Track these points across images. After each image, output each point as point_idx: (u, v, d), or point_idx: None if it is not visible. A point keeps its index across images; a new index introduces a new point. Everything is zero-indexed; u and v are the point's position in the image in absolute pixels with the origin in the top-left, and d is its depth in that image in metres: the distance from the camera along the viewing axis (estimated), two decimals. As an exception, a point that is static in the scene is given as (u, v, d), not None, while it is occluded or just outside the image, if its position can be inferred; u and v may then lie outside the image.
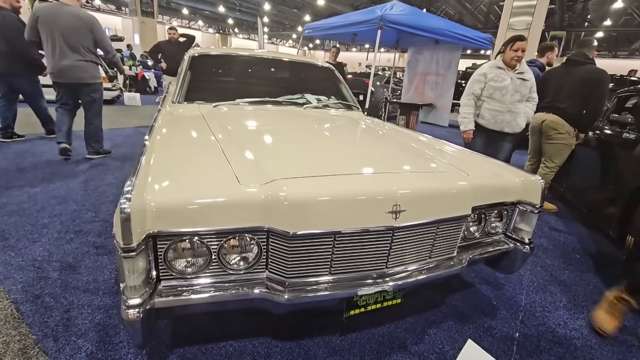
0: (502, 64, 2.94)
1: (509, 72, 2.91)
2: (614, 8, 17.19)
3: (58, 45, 3.39)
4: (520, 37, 2.87)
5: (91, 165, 3.75)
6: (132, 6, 14.84)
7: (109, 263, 2.02)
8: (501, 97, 2.92)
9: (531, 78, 2.96)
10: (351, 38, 7.56)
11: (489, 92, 2.96)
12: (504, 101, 2.92)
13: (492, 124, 3.01)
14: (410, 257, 1.38)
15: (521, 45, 2.83)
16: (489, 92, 2.96)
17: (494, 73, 2.94)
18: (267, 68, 2.98)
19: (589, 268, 2.49)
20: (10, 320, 1.53)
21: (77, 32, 3.42)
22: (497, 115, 2.97)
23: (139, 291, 1.04)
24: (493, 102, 2.96)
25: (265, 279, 1.22)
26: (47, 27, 3.35)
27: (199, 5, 25.39)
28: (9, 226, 2.33)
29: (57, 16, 3.34)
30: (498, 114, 2.97)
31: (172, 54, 5.71)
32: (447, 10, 21.02)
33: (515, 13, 9.41)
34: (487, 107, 3.00)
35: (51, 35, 3.37)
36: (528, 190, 1.63)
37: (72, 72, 3.51)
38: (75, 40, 3.43)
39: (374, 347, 1.56)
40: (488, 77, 2.95)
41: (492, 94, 2.95)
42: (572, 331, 1.80)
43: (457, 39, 6.33)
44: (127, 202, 0.95)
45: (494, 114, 2.98)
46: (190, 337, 1.52)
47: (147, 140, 1.51)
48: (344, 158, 1.54)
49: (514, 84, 2.90)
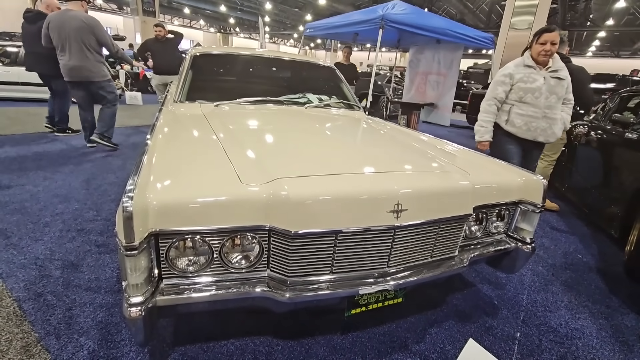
0: (531, 61, 2.49)
1: (541, 71, 2.46)
2: (616, 7, 17.13)
3: (67, 48, 3.76)
4: (549, 28, 2.42)
5: (93, 164, 3.76)
6: (134, 5, 14.86)
7: (110, 261, 2.02)
8: (534, 101, 2.47)
9: (567, 77, 2.54)
10: (352, 37, 7.55)
11: (518, 95, 2.51)
12: (537, 105, 2.48)
13: (525, 132, 2.56)
14: (412, 256, 1.38)
15: (550, 38, 2.37)
16: (518, 95, 2.51)
17: (522, 73, 2.49)
18: (269, 67, 2.99)
19: (590, 268, 2.49)
20: (12, 318, 1.54)
21: (82, 34, 3.75)
22: (530, 122, 2.52)
23: (141, 289, 1.04)
24: (525, 106, 2.51)
25: (267, 277, 1.23)
26: (57, 32, 3.72)
27: (201, 5, 25.41)
28: (11, 224, 2.34)
29: (64, 21, 3.71)
30: (532, 120, 2.51)
31: (159, 51, 5.51)
32: (448, 10, 20.98)
33: (517, 12, 9.39)
34: (518, 112, 2.54)
35: (60, 39, 3.74)
36: (529, 190, 1.62)
37: (80, 71, 3.87)
38: (80, 42, 3.77)
39: (375, 346, 1.56)
40: (515, 77, 2.51)
41: (522, 97, 2.50)
42: (573, 331, 1.80)
43: (459, 39, 6.30)
44: (130, 201, 0.95)
45: (527, 120, 2.52)
46: (192, 335, 1.53)
47: (149, 140, 1.52)
48: (346, 157, 1.54)
49: (548, 84, 2.46)
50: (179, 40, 5.85)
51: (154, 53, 5.63)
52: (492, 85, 2.62)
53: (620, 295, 2.17)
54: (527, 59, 2.51)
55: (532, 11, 9.10)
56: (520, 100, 2.52)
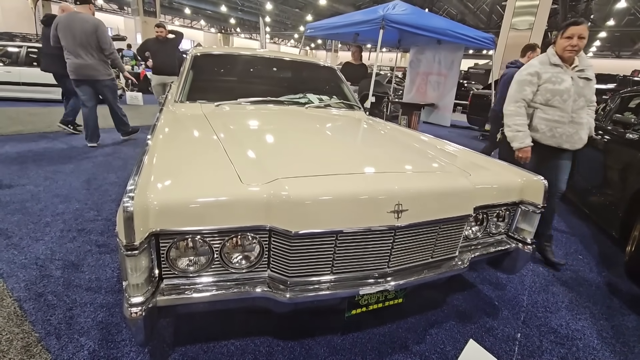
0: (557, 59, 2.22)
1: (568, 70, 2.22)
2: (617, 8, 17.13)
3: (73, 48, 3.95)
4: (576, 21, 2.16)
5: (93, 164, 3.77)
6: (135, 6, 14.87)
7: (111, 261, 2.02)
8: (562, 104, 2.21)
9: (594, 77, 2.31)
10: (353, 38, 7.54)
11: (544, 97, 2.24)
12: (565, 109, 2.21)
13: (548, 138, 2.29)
14: (412, 256, 1.38)
15: (578, 31, 2.11)
16: (544, 97, 2.24)
17: (550, 72, 2.22)
18: (269, 68, 2.99)
19: (591, 269, 2.48)
20: (13, 318, 1.54)
21: (87, 35, 3.94)
22: (556, 127, 2.25)
23: (141, 289, 1.04)
24: (552, 110, 2.24)
25: (267, 278, 1.23)
26: (64, 33, 3.92)
27: (201, 5, 25.43)
28: (12, 224, 2.35)
29: (71, 23, 3.91)
30: (557, 125, 2.24)
31: (159, 51, 5.47)
32: (449, 10, 20.98)
33: (518, 13, 9.39)
34: (543, 117, 2.28)
35: (67, 40, 3.93)
36: (530, 190, 1.62)
37: (85, 70, 4.05)
38: (85, 42, 3.96)
39: (375, 346, 1.56)
40: (542, 77, 2.24)
41: (549, 100, 2.23)
42: (574, 332, 1.79)
43: (460, 39, 6.30)
44: (130, 201, 0.96)
45: (552, 125, 2.26)
46: (192, 335, 1.53)
47: (149, 140, 1.52)
48: (346, 157, 1.54)
49: (576, 85, 2.21)
50: (179, 40, 5.83)
51: (153, 53, 5.58)
52: (517, 85, 2.34)
53: (621, 296, 2.17)
54: (553, 57, 2.23)
55: (532, 11, 9.11)
56: (547, 103, 2.25)
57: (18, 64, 7.04)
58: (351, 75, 5.91)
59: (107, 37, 4.10)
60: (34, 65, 7.30)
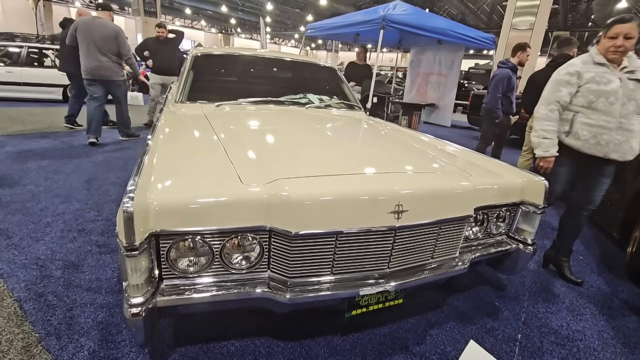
0: (602, 58, 1.97)
1: (616, 71, 1.95)
2: (618, 8, 17.09)
3: (90, 49, 4.20)
4: (622, 18, 1.90)
5: (94, 164, 3.77)
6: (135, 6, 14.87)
7: (111, 262, 2.02)
8: (608, 107, 1.94)
9: None
10: (353, 38, 7.54)
11: (587, 99, 1.98)
12: (612, 113, 1.94)
13: (592, 147, 2.01)
14: (413, 257, 1.38)
15: (623, 30, 1.86)
16: (587, 99, 1.98)
17: (594, 72, 1.98)
18: (270, 68, 2.99)
19: (592, 269, 2.48)
20: (13, 318, 1.54)
21: (106, 39, 4.22)
22: (601, 134, 1.97)
23: (141, 290, 1.04)
24: (595, 113, 1.97)
25: (267, 278, 1.23)
26: (82, 35, 4.17)
27: (202, 5, 25.44)
28: (13, 224, 2.35)
29: (91, 26, 4.18)
30: (603, 131, 1.97)
31: (159, 51, 5.47)
32: (449, 10, 20.96)
33: (519, 13, 9.38)
34: (585, 122, 2.00)
35: (85, 42, 4.18)
36: (531, 191, 1.62)
37: (100, 71, 4.30)
38: (103, 46, 4.22)
39: (375, 347, 1.55)
40: (584, 77, 1.99)
41: (592, 103, 1.97)
42: (575, 333, 1.79)
43: (460, 39, 6.30)
44: (130, 202, 0.96)
45: (596, 131, 1.98)
46: (192, 336, 1.53)
47: (149, 140, 1.52)
48: (346, 158, 1.54)
49: (626, 87, 1.93)
50: (180, 39, 5.81)
51: (153, 53, 5.55)
52: (553, 85, 2.09)
53: (621, 297, 2.17)
54: (597, 56, 1.99)
55: (533, 12, 9.09)
56: (590, 106, 1.98)
57: (19, 64, 7.05)
58: (355, 75, 5.91)
59: (126, 43, 4.42)
60: (35, 66, 7.32)
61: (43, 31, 15.63)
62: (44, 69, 7.35)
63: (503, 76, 3.84)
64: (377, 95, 5.73)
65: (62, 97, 7.41)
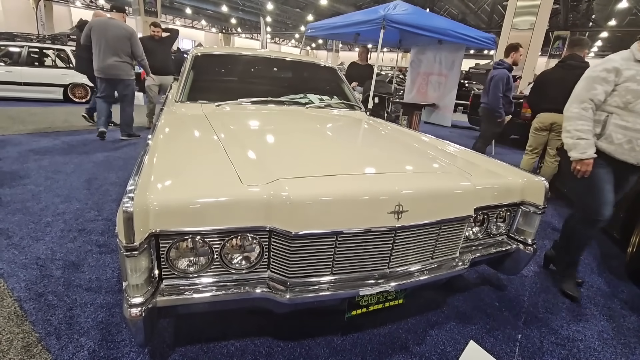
0: None
1: None
2: (618, 8, 17.08)
3: (103, 49, 4.36)
4: None
5: (94, 164, 3.77)
6: (136, 6, 14.87)
7: (111, 262, 2.02)
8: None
9: None
10: (354, 38, 7.53)
11: (624, 99, 1.81)
12: None
13: (626, 152, 1.84)
14: (413, 257, 1.38)
15: None
16: (624, 99, 1.81)
17: (635, 69, 1.79)
18: (270, 68, 2.99)
19: (592, 269, 2.48)
20: (13, 318, 1.54)
21: (119, 40, 4.40)
22: (637, 139, 1.80)
23: (141, 290, 1.04)
24: (632, 116, 1.80)
25: (267, 278, 1.23)
26: (97, 35, 4.35)
27: (202, 5, 25.43)
28: (13, 224, 2.35)
29: (106, 27, 4.36)
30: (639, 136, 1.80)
31: (154, 50, 5.30)
32: (450, 10, 20.95)
33: (519, 13, 9.38)
34: (620, 124, 1.83)
35: (99, 42, 4.35)
36: (531, 191, 1.62)
37: (111, 70, 4.48)
38: (116, 46, 4.39)
39: (375, 347, 1.55)
40: (623, 75, 1.81)
41: (630, 103, 1.79)
42: (575, 333, 1.79)
43: (461, 39, 6.29)
44: (130, 202, 0.96)
45: (632, 135, 1.81)
46: (192, 336, 1.53)
47: (150, 140, 1.52)
48: (346, 158, 1.54)
49: None
50: (175, 37, 5.79)
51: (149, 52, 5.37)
52: (587, 82, 1.90)
53: (622, 297, 2.16)
54: (638, 53, 1.83)
55: (534, 12, 9.10)
56: (626, 107, 1.81)
57: (19, 64, 7.05)
58: (357, 75, 5.91)
59: (140, 45, 4.60)
60: (35, 65, 7.32)
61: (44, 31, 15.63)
62: (45, 69, 7.37)
63: (502, 76, 3.86)
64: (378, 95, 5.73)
65: (62, 97, 7.42)
